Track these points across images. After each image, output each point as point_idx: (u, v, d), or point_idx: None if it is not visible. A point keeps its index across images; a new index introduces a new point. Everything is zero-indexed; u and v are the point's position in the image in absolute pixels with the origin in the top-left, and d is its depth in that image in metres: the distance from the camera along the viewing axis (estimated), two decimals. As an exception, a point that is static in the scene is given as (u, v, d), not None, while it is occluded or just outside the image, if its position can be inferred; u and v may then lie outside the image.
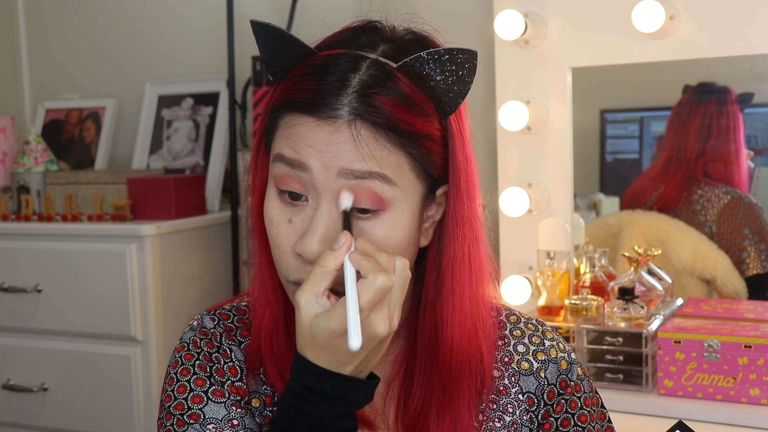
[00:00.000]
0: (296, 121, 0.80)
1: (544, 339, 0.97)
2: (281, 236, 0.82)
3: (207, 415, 0.87)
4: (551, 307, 1.74)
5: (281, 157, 0.81)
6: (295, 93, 0.80)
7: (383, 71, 0.80)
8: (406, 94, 0.80)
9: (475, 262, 0.88)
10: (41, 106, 2.64)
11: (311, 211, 0.81)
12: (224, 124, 2.34)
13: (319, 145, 0.79)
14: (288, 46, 0.82)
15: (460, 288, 0.87)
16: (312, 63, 0.81)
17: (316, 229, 0.79)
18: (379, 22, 0.86)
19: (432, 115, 0.82)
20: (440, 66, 0.80)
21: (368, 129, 0.78)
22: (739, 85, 1.87)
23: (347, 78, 0.79)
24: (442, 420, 0.87)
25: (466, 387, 0.88)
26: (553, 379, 0.95)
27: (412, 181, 0.82)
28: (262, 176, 0.89)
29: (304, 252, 0.80)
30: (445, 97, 0.82)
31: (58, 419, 2.16)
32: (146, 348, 2.05)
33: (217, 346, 0.91)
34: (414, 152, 0.81)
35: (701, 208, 1.90)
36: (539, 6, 1.82)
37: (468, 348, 0.88)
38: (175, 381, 0.89)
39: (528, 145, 1.86)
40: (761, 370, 1.48)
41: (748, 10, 1.66)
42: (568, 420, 0.94)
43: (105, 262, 2.06)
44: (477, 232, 0.88)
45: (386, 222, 0.81)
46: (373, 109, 0.78)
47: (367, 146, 0.78)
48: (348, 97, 0.78)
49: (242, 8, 2.34)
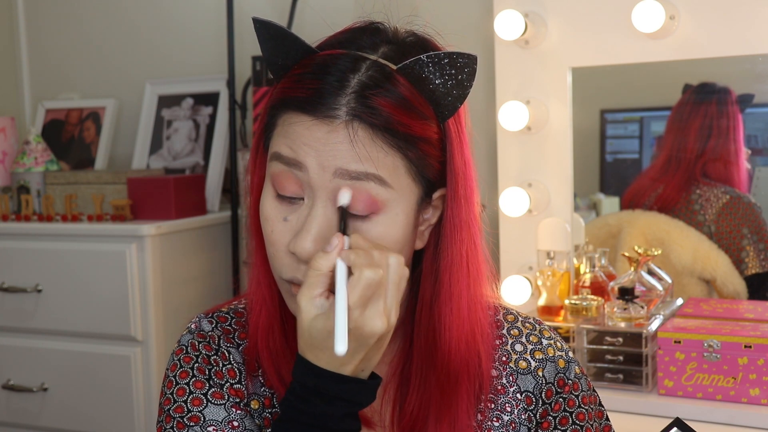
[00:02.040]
0: (294, 120, 0.80)
1: (542, 338, 0.97)
2: (276, 234, 0.82)
3: (207, 417, 0.87)
4: (551, 307, 1.74)
5: (278, 156, 0.81)
6: (294, 92, 0.80)
7: (382, 73, 0.80)
8: (404, 97, 0.80)
9: (472, 266, 0.88)
10: (41, 106, 2.64)
11: (306, 209, 0.81)
12: (224, 124, 2.34)
13: (315, 144, 0.79)
14: (289, 44, 0.82)
15: (458, 291, 0.87)
16: (312, 62, 0.81)
17: (311, 228, 0.80)
18: (381, 24, 0.86)
19: (430, 118, 0.82)
20: (440, 69, 0.80)
21: (365, 130, 0.78)
22: (739, 85, 1.87)
23: (346, 78, 0.79)
24: (441, 423, 0.87)
25: (465, 390, 0.88)
26: (551, 378, 0.95)
27: (408, 183, 0.82)
28: (260, 175, 0.89)
29: (298, 250, 0.80)
30: (444, 100, 0.82)
31: (58, 419, 2.16)
32: (146, 348, 2.05)
33: (216, 349, 0.91)
34: (411, 155, 0.81)
35: (700, 207, 1.90)
36: (539, 6, 1.82)
37: (466, 351, 0.88)
38: (174, 384, 0.89)
39: (528, 145, 1.86)
40: (761, 370, 1.48)
41: (748, 10, 1.66)
42: (566, 418, 0.94)
43: (105, 262, 2.06)
44: (475, 235, 0.88)
45: (380, 224, 0.81)
46: (370, 110, 0.78)
47: (364, 147, 0.78)
48: (346, 98, 0.78)
49: (242, 8, 2.34)
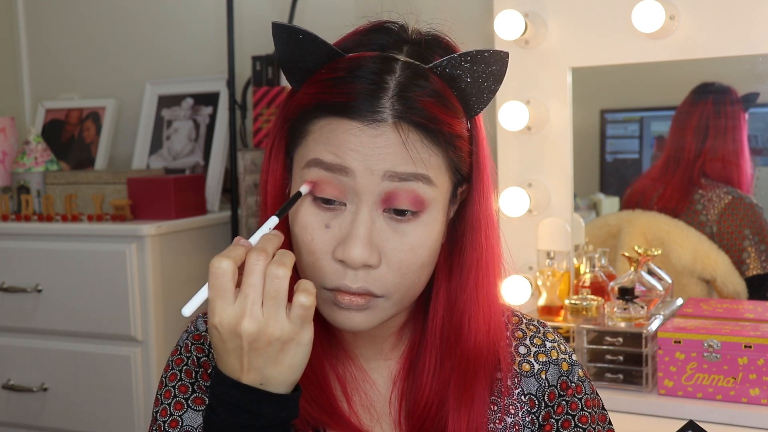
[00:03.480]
0: (335, 125, 0.79)
1: (546, 340, 0.97)
2: (317, 242, 0.80)
3: (184, 423, 0.86)
4: (551, 307, 1.74)
5: (319, 162, 0.80)
6: (330, 97, 0.79)
7: (417, 72, 0.80)
8: (441, 94, 0.80)
9: (497, 259, 0.90)
10: (41, 106, 2.63)
11: (350, 215, 0.80)
12: (224, 124, 2.34)
13: (362, 149, 0.78)
14: (313, 47, 0.81)
15: (486, 285, 0.88)
16: (342, 66, 0.80)
17: (359, 233, 0.78)
18: (394, 23, 0.86)
19: (462, 115, 0.83)
20: (471, 66, 0.81)
21: (414, 131, 0.78)
22: (739, 85, 1.87)
23: (383, 80, 0.78)
24: (459, 413, 0.87)
25: (483, 379, 0.89)
26: (554, 381, 0.95)
27: (446, 180, 0.83)
28: (274, 180, 0.87)
29: (349, 258, 0.78)
30: (474, 97, 0.83)
31: (58, 419, 2.16)
32: (146, 348, 2.05)
33: (207, 351, 0.90)
34: (450, 153, 0.82)
35: (702, 208, 1.90)
36: (539, 6, 1.82)
37: (487, 343, 0.89)
38: (164, 386, 0.89)
39: (528, 145, 1.86)
40: (761, 370, 1.48)
41: (748, 10, 1.66)
42: (569, 421, 0.94)
43: (105, 262, 2.06)
44: (496, 229, 0.89)
45: (424, 223, 0.81)
46: (416, 111, 0.78)
47: (415, 148, 0.78)
48: (389, 100, 0.78)
49: (242, 8, 2.35)
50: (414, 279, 0.83)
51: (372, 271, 0.80)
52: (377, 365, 0.92)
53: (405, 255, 0.81)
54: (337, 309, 0.82)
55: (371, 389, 0.91)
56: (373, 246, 0.79)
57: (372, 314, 0.82)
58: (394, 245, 0.80)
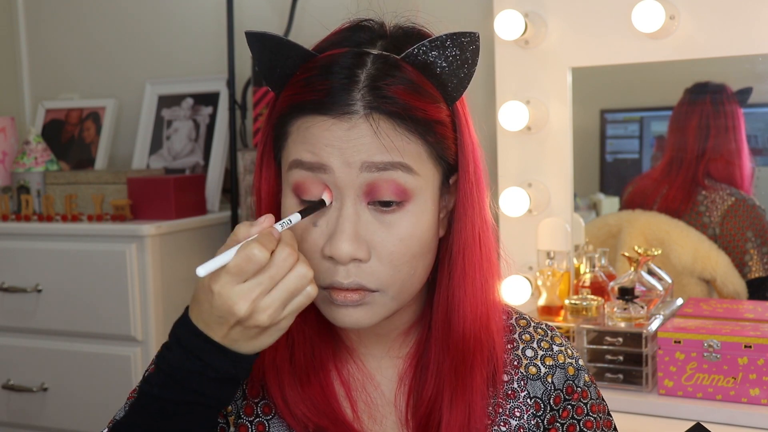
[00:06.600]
0: (310, 123, 0.80)
1: (553, 344, 0.97)
2: (307, 242, 0.81)
3: None
4: (551, 307, 1.74)
5: (299, 163, 0.81)
6: (304, 96, 0.80)
7: (389, 63, 0.80)
8: (414, 82, 0.80)
9: (485, 247, 0.88)
10: (41, 106, 2.63)
11: (335, 211, 0.80)
12: (224, 124, 2.34)
13: (337, 143, 0.78)
14: (287, 51, 0.82)
15: (472, 272, 0.87)
16: (315, 64, 0.81)
17: (345, 228, 0.79)
18: (370, 20, 0.87)
19: (440, 101, 0.83)
20: (443, 52, 0.81)
21: (386, 120, 0.78)
22: (739, 84, 1.87)
23: (354, 74, 0.79)
24: (455, 407, 0.87)
25: (479, 374, 0.88)
26: (560, 385, 0.94)
27: (430, 169, 0.82)
28: (268, 187, 0.88)
29: (336, 253, 0.79)
30: (451, 82, 0.83)
31: (58, 419, 2.16)
32: (146, 348, 2.05)
33: None
34: (430, 139, 0.81)
35: (705, 209, 1.90)
36: (539, 6, 1.82)
37: (480, 333, 0.88)
38: None
39: (528, 145, 1.86)
40: (761, 370, 1.48)
41: (748, 10, 1.66)
42: (574, 426, 0.94)
43: (105, 262, 2.06)
44: (486, 216, 0.88)
45: (411, 213, 0.81)
46: (386, 99, 0.78)
47: (388, 137, 0.78)
48: (360, 92, 0.78)
49: (242, 8, 2.35)
50: (408, 271, 0.82)
51: (363, 265, 0.80)
52: (384, 364, 0.92)
53: (394, 246, 0.81)
54: (334, 307, 0.82)
55: (375, 391, 0.91)
56: (361, 239, 0.79)
57: (370, 310, 0.82)
58: (381, 237, 0.80)
